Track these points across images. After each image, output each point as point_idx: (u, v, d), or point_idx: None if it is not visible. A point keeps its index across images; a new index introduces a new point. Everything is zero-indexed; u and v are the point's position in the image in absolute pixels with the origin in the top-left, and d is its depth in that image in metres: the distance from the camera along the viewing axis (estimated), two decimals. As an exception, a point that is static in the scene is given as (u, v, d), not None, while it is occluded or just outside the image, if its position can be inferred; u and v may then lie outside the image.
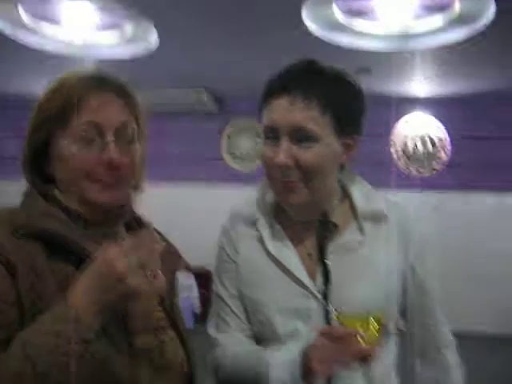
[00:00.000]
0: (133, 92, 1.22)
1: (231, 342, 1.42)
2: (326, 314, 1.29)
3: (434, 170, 8.82)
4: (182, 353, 1.18)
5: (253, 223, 1.42)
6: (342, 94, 1.34)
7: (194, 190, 8.78)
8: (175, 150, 8.39)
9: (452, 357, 1.47)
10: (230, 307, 1.43)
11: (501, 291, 7.70)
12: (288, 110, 1.27)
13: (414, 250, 1.39)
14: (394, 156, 8.85)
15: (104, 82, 1.17)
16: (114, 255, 0.91)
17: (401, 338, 1.48)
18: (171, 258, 1.25)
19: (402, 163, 8.90)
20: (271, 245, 1.38)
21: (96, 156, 1.11)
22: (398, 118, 8.93)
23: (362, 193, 1.43)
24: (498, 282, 7.95)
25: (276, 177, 1.32)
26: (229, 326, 1.44)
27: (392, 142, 8.91)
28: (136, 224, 1.22)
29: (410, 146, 8.90)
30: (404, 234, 1.39)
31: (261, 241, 1.39)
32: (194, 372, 1.22)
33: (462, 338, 6.08)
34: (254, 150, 8.82)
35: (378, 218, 1.39)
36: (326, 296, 1.29)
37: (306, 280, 1.33)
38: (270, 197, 1.45)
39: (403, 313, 1.43)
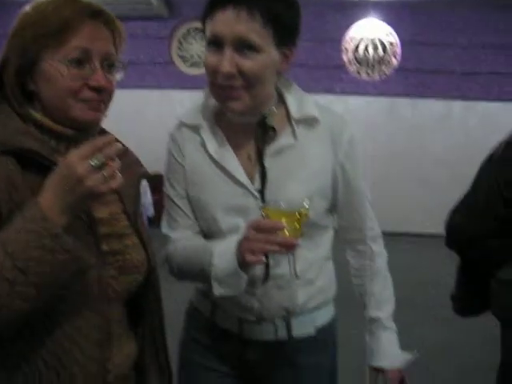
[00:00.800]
0: (119, 24, 1.27)
1: (181, 237, 1.54)
2: None
3: (384, 74, 8.92)
4: (144, 256, 1.27)
5: (196, 129, 1.50)
6: (282, 8, 1.38)
7: (145, 96, 8.70)
8: (124, 56, 8.21)
9: (377, 248, 1.62)
10: (179, 207, 1.54)
11: (444, 193, 8.03)
12: (233, 21, 1.32)
13: (344, 151, 1.48)
14: (345, 60, 8.89)
15: (98, 11, 1.21)
16: (74, 158, 0.98)
17: (334, 230, 1.61)
18: (135, 167, 1.34)
19: (352, 68, 8.96)
20: (213, 149, 1.47)
21: (85, 78, 1.17)
22: (349, 23, 8.92)
23: (295, 99, 1.50)
24: (442, 184, 8.29)
25: (219, 84, 1.38)
26: (179, 224, 1.55)
27: (343, 47, 8.93)
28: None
29: (361, 50, 8.94)
30: (334, 136, 1.48)
31: (204, 145, 1.48)
32: (155, 272, 1.32)
33: (405, 236, 6.40)
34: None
35: (310, 122, 1.47)
36: (263, 194, 1.43)
37: (245, 180, 1.43)
38: (212, 103, 1.51)
39: (334, 207, 1.55)
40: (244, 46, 1.33)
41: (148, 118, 8.67)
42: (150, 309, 1.32)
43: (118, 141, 1.04)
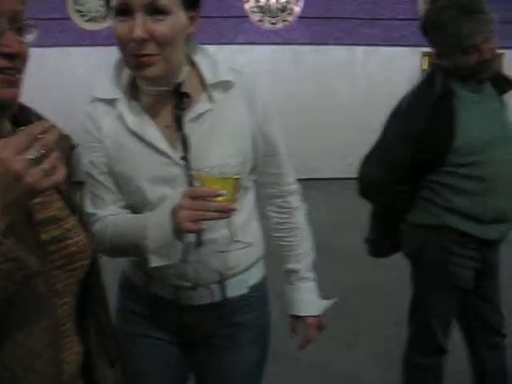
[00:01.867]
0: None
1: (109, 213, 1.54)
2: (190, 178, 1.45)
3: (287, 21, 8.95)
4: (86, 236, 1.16)
5: (112, 102, 1.48)
6: None
7: (42, 55, 8.33)
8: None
9: (295, 202, 1.69)
10: (102, 183, 1.51)
11: (352, 137, 8.26)
12: None
13: (260, 112, 1.52)
14: (248, 10, 8.84)
15: None
16: (9, 153, 0.86)
17: (256, 187, 1.67)
18: (63, 142, 1.18)
19: (255, 17, 8.93)
20: (131, 121, 1.46)
21: None
22: (251, -29, 8.86)
23: (208, 64, 1.51)
24: (349, 128, 8.54)
25: (132, 52, 1.36)
26: (104, 201, 1.52)
27: (245, -4, 8.89)
28: (19, 112, 1.14)
29: (264, -1, 8.93)
30: (250, 98, 1.51)
31: (121, 118, 1.47)
32: (96, 254, 1.24)
33: (318, 181, 6.50)
34: (102, 8, 8.41)
35: (225, 85, 1.49)
36: (187, 162, 1.46)
37: (167, 149, 1.44)
38: (125, 74, 1.50)
39: (255, 167, 1.60)
40: (154, 11, 1.33)
41: (47, 77, 8.33)
42: (94, 296, 1.24)
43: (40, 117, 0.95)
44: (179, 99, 1.47)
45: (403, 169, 2.14)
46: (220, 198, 1.25)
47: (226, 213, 1.27)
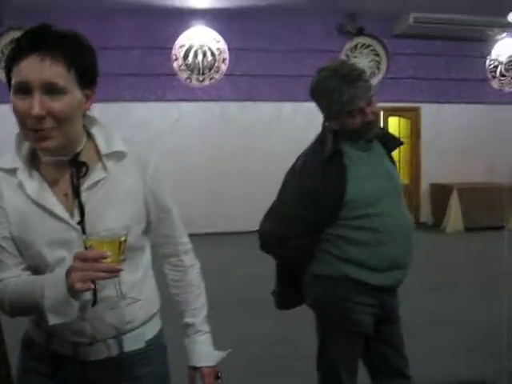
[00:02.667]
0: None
1: (10, 275, 1.60)
2: (84, 241, 1.56)
3: (215, 80, 9.23)
4: None
5: (13, 172, 1.58)
6: (82, 53, 1.51)
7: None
8: None
9: (189, 261, 1.82)
10: (4, 248, 1.58)
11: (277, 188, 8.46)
12: (39, 67, 1.42)
13: (151, 178, 1.64)
14: (176, 68, 9.08)
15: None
16: None
17: (150, 247, 1.79)
18: None
19: (184, 75, 9.17)
20: (31, 189, 1.55)
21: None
22: (179, 31, 9.11)
23: (103, 136, 1.63)
24: (274, 180, 8.73)
25: (31, 127, 1.47)
26: (5, 264, 1.59)
27: (173, 55, 9.11)
28: None
29: (191, 57, 9.18)
30: (142, 166, 1.63)
31: (21, 186, 1.56)
32: None
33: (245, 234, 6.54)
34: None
35: (118, 156, 1.62)
36: (83, 227, 1.55)
37: (65, 215, 1.54)
38: (25, 146, 1.59)
39: (149, 228, 1.72)
40: (51, 90, 1.44)
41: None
42: None
43: None
44: (77, 168, 1.58)
45: (300, 224, 2.30)
46: (108, 259, 1.35)
47: (112, 272, 1.37)
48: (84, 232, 1.55)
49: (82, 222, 1.55)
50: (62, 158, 1.55)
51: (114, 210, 1.59)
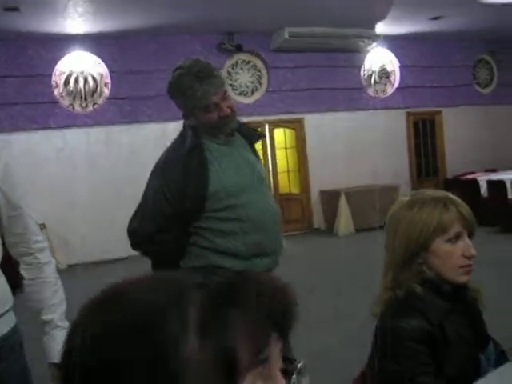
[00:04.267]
0: None
1: None
2: None
3: (97, 104, 9.15)
4: None
5: None
6: None
7: None
8: None
9: (44, 258, 1.83)
10: None
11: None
12: None
13: (1, 178, 1.66)
14: (57, 95, 8.92)
15: None
16: None
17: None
18: None
19: (66, 101, 9.03)
20: None
21: None
22: (57, 57, 8.97)
23: None
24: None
25: None
26: None
27: (53, 82, 8.96)
28: None
29: (72, 83, 9.06)
30: None
31: None
32: None
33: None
34: None
35: None
36: None
37: None
38: None
39: (2, 227, 1.72)
40: None
41: None
42: None
43: None
44: None
45: (163, 219, 2.35)
46: None
47: None
48: None
49: None
50: None
51: None
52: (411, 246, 1.61)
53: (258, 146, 9.75)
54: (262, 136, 2.64)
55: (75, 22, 8.25)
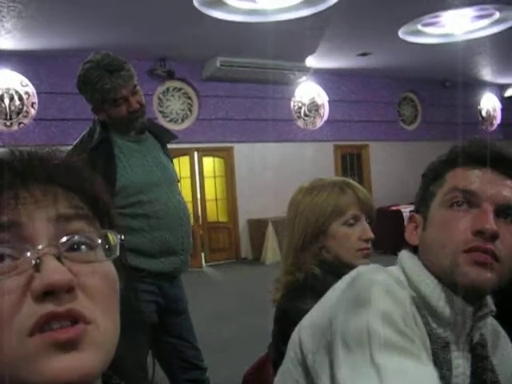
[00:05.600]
0: None
1: None
2: None
3: (23, 124, 8.94)
4: None
5: None
6: None
7: None
8: None
9: None
10: None
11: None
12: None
13: None
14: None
15: None
16: None
17: None
18: None
19: (-11, 120, 8.80)
20: None
21: None
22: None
23: None
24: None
25: None
26: None
27: (-23, 99, 8.71)
28: None
29: (-4, 102, 8.84)
30: None
31: None
32: None
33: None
34: None
35: None
36: None
37: None
38: None
39: None
40: None
41: None
42: None
43: None
44: None
45: None
46: None
47: None
48: None
49: None
50: None
51: None
52: (310, 230, 1.63)
53: (186, 173, 9.81)
54: (174, 137, 2.63)
55: (1, 39, 8.08)
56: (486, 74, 12.82)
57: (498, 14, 8.84)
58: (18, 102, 8.98)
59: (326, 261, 1.63)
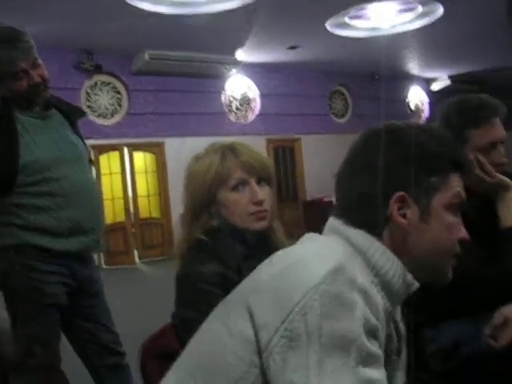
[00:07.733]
0: None
1: None
2: None
3: None
4: None
5: None
6: None
7: None
8: None
9: None
10: None
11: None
12: None
13: None
14: None
15: None
16: None
17: None
18: None
19: None
20: None
21: None
22: None
23: None
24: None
25: None
26: None
27: None
28: None
29: None
30: None
31: None
32: None
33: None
34: None
35: None
36: None
37: None
38: None
39: None
40: None
41: None
42: None
43: None
44: None
45: None
46: None
47: None
48: None
49: None
50: None
51: None
52: (198, 199, 1.59)
53: (116, 168, 9.58)
54: (84, 113, 2.55)
55: None
56: (413, 67, 13.14)
57: (420, 8, 9.08)
58: None
59: (212, 229, 1.58)
